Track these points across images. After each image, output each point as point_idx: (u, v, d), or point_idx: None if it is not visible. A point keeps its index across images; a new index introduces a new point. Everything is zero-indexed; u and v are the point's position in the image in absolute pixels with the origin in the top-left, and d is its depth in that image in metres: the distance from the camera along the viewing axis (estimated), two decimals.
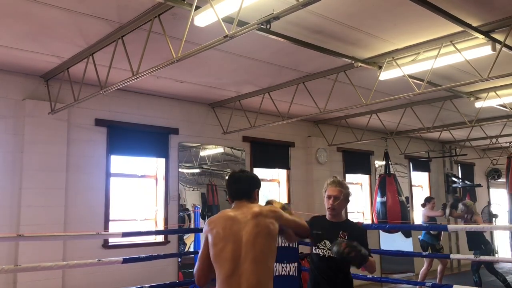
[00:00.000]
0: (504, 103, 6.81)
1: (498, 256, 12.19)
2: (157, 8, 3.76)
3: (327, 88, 5.88)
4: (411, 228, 9.82)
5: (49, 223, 5.40)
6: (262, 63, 5.38)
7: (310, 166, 8.78)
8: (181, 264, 6.69)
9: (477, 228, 6.02)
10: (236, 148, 7.74)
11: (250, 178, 2.76)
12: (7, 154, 5.37)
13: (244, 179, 2.73)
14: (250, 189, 2.70)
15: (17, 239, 4.89)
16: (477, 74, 4.93)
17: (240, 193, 2.68)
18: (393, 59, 5.07)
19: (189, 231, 7.03)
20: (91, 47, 4.69)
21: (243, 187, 2.70)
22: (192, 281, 6.09)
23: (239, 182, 2.71)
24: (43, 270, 4.43)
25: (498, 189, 13.75)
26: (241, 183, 2.71)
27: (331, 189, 3.16)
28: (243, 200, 2.64)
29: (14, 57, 5.04)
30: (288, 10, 3.09)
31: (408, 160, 10.95)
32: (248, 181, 2.73)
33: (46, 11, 3.84)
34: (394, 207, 8.68)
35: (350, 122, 8.92)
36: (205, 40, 3.83)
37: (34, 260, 4.83)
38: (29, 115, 5.49)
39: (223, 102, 7.26)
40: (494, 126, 9.03)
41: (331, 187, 3.16)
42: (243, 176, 2.75)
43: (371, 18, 4.13)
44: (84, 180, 5.93)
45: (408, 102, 7.45)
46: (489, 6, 3.93)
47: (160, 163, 6.87)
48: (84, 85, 5.24)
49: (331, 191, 3.15)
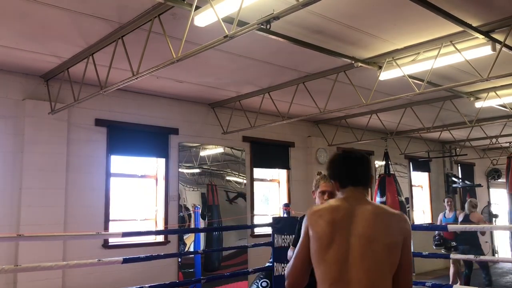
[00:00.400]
0: (504, 103, 6.81)
1: (498, 256, 12.22)
2: (157, 8, 3.76)
3: (327, 88, 5.88)
4: (411, 228, 9.81)
5: (49, 223, 5.40)
6: (262, 63, 5.38)
7: (310, 166, 8.78)
8: (181, 264, 6.69)
9: (476, 228, 6.02)
10: (236, 148, 7.74)
11: (369, 161, 2.20)
12: (7, 154, 5.37)
13: (366, 161, 2.16)
14: (370, 175, 2.13)
15: (17, 239, 4.89)
16: (477, 74, 4.93)
17: (357, 177, 2.09)
18: (393, 59, 5.07)
19: (189, 231, 7.04)
20: (91, 47, 4.69)
21: (362, 170, 2.12)
22: (192, 281, 6.11)
23: (359, 164, 2.12)
24: (43, 270, 4.42)
25: (498, 189, 13.75)
26: (363, 164, 2.13)
27: (325, 184, 2.95)
28: (360, 188, 2.07)
29: (14, 57, 5.04)
30: (288, 10, 3.09)
31: (408, 160, 10.96)
32: (369, 165, 2.16)
33: (46, 11, 3.84)
34: (394, 207, 8.61)
35: (350, 122, 8.92)
36: (205, 40, 3.83)
37: (34, 260, 4.83)
38: (29, 115, 5.49)
39: (223, 102, 7.26)
40: (494, 126, 9.03)
41: (325, 182, 2.95)
42: (365, 157, 2.15)
43: (371, 18, 4.13)
44: (84, 180, 5.93)
45: (408, 102, 7.45)
46: (489, 6, 3.93)
47: (160, 163, 6.87)
48: (84, 85, 5.24)
49: (326, 187, 2.94)
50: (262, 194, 8.57)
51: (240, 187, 7.69)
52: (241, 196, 7.65)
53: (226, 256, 7.23)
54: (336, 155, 2.21)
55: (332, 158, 2.22)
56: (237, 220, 7.40)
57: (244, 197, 7.69)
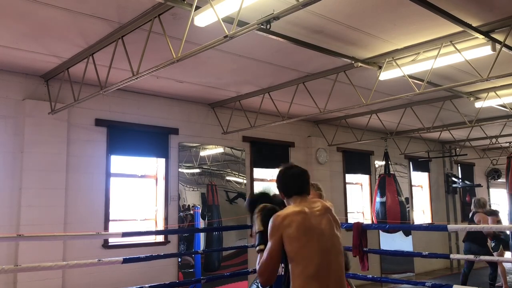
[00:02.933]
0: (504, 103, 6.81)
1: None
2: (157, 8, 3.76)
3: (327, 88, 5.88)
4: (411, 228, 9.83)
5: (49, 223, 5.40)
6: (262, 63, 5.38)
7: (310, 166, 8.77)
8: (181, 264, 6.69)
9: (476, 228, 6.03)
10: (236, 148, 7.74)
11: (307, 173, 2.72)
12: (7, 154, 5.37)
13: (306, 174, 2.68)
14: (309, 184, 2.68)
15: (17, 239, 4.89)
16: (477, 74, 4.93)
17: (303, 187, 2.62)
18: (393, 59, 5.07)
19: (189, 231, 7.04)
20: (91, 47, 4.69)
21: (306, 181, 2.65)
22: (191, 281, 6.11)
23: (303, 176, 2.65)
24: (43, 270, 4.42)
25: (498, 189, 13.76)
26: (304, 177, 2.66)
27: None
28: (304, 195, 2.60)
29: (14, 57, 5.04)
30: (288, 10, 3.09)
31: (408, 160, 10.96)
32: (307, 176, 2.68)
33: (46, 11, 3.84)
34: (394, 207, 8.68)
35: (350, 122, 8.92)
36: (205, 40, 3.83)
37: (34, 260, 4.83)
38: (29, 115, 5.49)
39: (223, 102, 7.26)
40: (494, 126, 9.04)
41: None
42: (303, 171, 2.70)
43: (371, 18, 4.13)
44: (84, 180, 5.93)
45: (408, 102, 7.45)
46: (489, 6, 3.93)
47: (160, 163, 6.87)
48: (84, 85, 5.24)
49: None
50: None
51: (240, 187, 7.69)
52: (241, 196, 7.65)
53: (226, 256, 7.23)
54: (286, 171, 2.68)
55: (279, 172, 2.69)
56: (237, 220, 7.40)
57: (244, 197, 7.69)
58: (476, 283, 7.22)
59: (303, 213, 2.43)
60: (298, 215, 2.42)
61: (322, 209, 2.51)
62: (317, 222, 2.43)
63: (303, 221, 2.39)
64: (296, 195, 2.58)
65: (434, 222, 11.16)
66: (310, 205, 2.51)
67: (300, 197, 2.57)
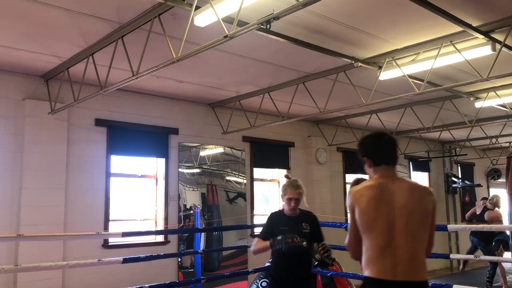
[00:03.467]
0: (504, 103, 6.81)
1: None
2: (157, 8, 3.76)
3: (327, 88, 5.88)
4: None
5: (49, 223, 5.40)
6: (262, 63, 5.38)
7: (310, 166, 8.78)
8: (181, 264, 6.70)
9: (476, 228, 6.03)
10: (236, 148, 7.74)
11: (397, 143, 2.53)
12: (7, 154, 5.37)
13: (394, 142, 2.47)
14: (398, 155, 2.52)
15: (17, 239, 4.89)
16: (477, 74, 4.93)
17: (394, 157, 2.46)
18: (393, 59, 5.07)
19: (189, 231, 7.04)
20: (91, 47, 4.69)
21: (395, 150, 2.46)
22: (191, 281, 6.11)
23: (392, 145, 2.45)
24: (43, 270, 4.42)
25: (498, 189, 13.73)
26: (394, 146, 2.46)
27: (292, 192, 3.51)
28: (391, 167, 2.44)
29: (14, 57, 5.04)
30: (288, 10, 3.09)
31: (408, 160, 10.96)
32: (396, 145, 2.49)
33: (46, 11, 3.84)
34: None
35: (350, 122, 8.92)
36: (205, 40, 3.83)
37: (34, 260, 4.83)
38: (29, 115, 5.49)
39: (223, 102, 7.26)
40: (494, 126, 9.03)
41: (292, 190, 3.52)
42: (393, 138, 2.49)
43: (371, 18, 4.13)
44: (84, 180, 5.93)
45: (408, 102, 7.45)
46: (489, 6, 3.93)
47: (160, 163, 6.87)
48: (84, 85, 5.24)
49: (293, 194, 3.51)
50: (262, 194, 8.58)
51: (240, 187, 7.69)
52: (241, 196, 7.65)
53: (226, 256, 7.23)
54: (371, 135, 2.53)
55: (367, 137, 2.54)
56: (237, 220, 7.40)
57: (244, 197, 7.70)
58: (476, 283, 7.23)
59: (376, 187, 2.35)
60: (371, 189, 2.35)
61: (406, 188, 2.34)
62: (390, 198, 2.30)
63: (374, 196, 2.31)
64: (386, 165, 2.42)
65: None
66: (390, 180, 2.36)
67: (387, 169, 2.41)
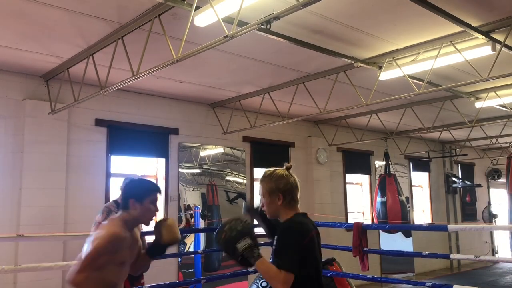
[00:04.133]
0: (504, 103, 6.82)
1: (498, 256, 12.22)
2: (157, 8, 3.76)
3: (327, 88, 5.88)
4: (411, 228, 9.83)
5: (49, 223, 5.40)
6: (262, 63, 5.38)
7: (310, 166, 8.78)
8: (181, 264, 6.69)
9: (476, 228, 6.03)
10: (236, 148, 7.74)
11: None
12: (7, 154, 5.37)
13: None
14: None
15: (17, 239, 4.89)
16: (477, 74, 4.93)
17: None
18: (393, 59, 5.07)
19: (189, 231, 7.03)
20: (91, 47, 4.69)
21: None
22: (192, 281, 6.10)
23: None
24: (43, 270, 4.43)
25: (498, 189, 13.76)
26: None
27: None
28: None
29: (14, 57, 5.04)
30: (288, 10, 3.09)
31: (408, 160, 10.96)
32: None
33: (46, 11, 3.84)
34: (394, 207, 8.69)
35: (350, 122, 8.92)
36: (205, 40, 3.83)
37: (34, 260, 4.83)
38: (29, 115, 5.49)
39: (223, 102, 7.27)
40: (494, 126, 9.03)
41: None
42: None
43: (371, 18, 4.13)
44: (84, 180, 5.93)
45: (408, 102, 7.45)
46: (489, 6, 3.93)
47: (160, 163, 6.87)
48: (84, 85, 5.23)
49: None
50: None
51: (240, 187, 7.69)
52: (241, 196, 7.65)
53: (226, 256, 7.20)
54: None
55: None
56: None
57: (244, 197, 7.70)
58: (476, 283, 7.24)
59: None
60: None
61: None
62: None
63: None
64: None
65: (434, 222, 11.16)
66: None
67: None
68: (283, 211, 2.33)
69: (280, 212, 2.35)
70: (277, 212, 2.36)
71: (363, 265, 5.14)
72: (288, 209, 2.33)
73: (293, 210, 2.34)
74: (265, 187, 2.36)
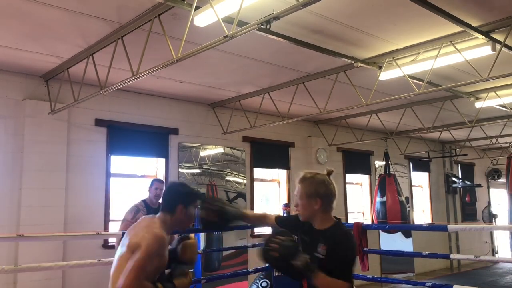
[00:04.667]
0: (504, 103, 6.81)
1: (498, 256, 12.22)
2: (157, 8, 3.76)
3: (327, 88, 5.88)
4: (411, 228, 9.83)
5: (49, 223, 5.40)
6: (262, 63, 5.38)
7: (310, 166, 8.77)
8: None
9: (476, 228, 6.03)
10: (236, 148, 7.74)
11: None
12: (7, 154, 5.37)
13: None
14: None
15: (17, 239, 4.88)
16: (477, 74, 4.93)
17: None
18: (393, 59, 5.07)
19: (189, 231, 7.02)
20: (91, 47, 4.69)
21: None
22: (192, 281, 6.08)
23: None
24: (43, 270, 4.42)
25: (498, 189, 13.76)
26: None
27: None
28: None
29: (14, 57, 5.04)
30: (288, 10, 3.09)
31: (408, 160, 10.96)
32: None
33: (46, 11, 3.84)
34: (394, 207, 8.68)
35: (350, 122, 8.92)
36: (205, 40, 3.83)
37: (34, 260, 4.82)
38: (29, 115, 5.49)
39: (223, 102, 7.27)
40: (494, 126, 9.03)
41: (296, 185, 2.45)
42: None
43: (371, 18, 4.13)
44: (84, 180, 5.93)
45: (408, 102, 7.45)
46: (489, 6, 3.93)
47: (160, 163, 6.87)
48: (84, 85, 5.23)
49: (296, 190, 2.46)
50: (262, 194, 8.57)
51: (240, 187, 7.68)
52: (241, 196, 7.65)
53: (226, 256, 7.22)
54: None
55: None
56: None
57: (244, 197, 7.69)
58: (476, 283, 7.24)
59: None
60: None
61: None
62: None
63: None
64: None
65: (434, 222, 11.16)
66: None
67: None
68: (319, 216, 2.32)
69: (315, 217, 2.34)
70: (312, 216, 2.35)
71: (363, 265, 5.15)
72: (324, 214, 2.32)
73: (330, 217, 2.34)
74: (304, 190, 2.35)
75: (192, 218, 2.46)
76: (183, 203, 2.37)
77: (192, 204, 2.43)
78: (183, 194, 2.43)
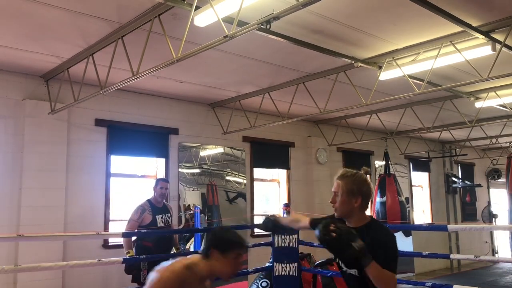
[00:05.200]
0: (504, 103, 6.81)
1: (498, 256, 12.22)
2: (157, 8, 3.76)
3: (327, 88, 5.88)
4: (411, 228, 9.83)
5: (49, 223, 5.40)
6: (262, 63, 5.38)
7: (310, 166, 8.78)
8: None
9: (476, 228, 6.03)
10: (236, 148, 7.74)
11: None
12: (7, 154, 5.37)
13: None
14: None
15: (17, 239, 4.88)
16: (477, 74, 4.93)
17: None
18: (393, 59, 5.07)
19: (189, 231, 7.03)
20: (91, 47, 4.69)
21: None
22: None
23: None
24: (43, 270, 4.42)
25: (498, 189, 13.76)
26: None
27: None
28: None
29: (14, 57, 5.04)
30: (288, 10, 3.09)
31: (408, 160, 10.96)
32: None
33: (46, 11, 3.84)
34: (394, 207, 8.68)
35: (350, 122, 8.92)
36: (205, 40, 3.83)
37: (34, 260, 4.82)
38: (29, 115, 5.49)
39: (223, 102, 7.27)
40: (494, 126, 9.03)
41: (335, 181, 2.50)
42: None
43: (371, 18, 4.13)
44: (84, 180, 5.93)
45: (408, 102, 7.45)
46: (489, 6, 3.93)
47: (160, 163, 6.87)
48: (84, 85, 5.24)
49: (333, 186, 2.50)
50: (262, 194, 8.57)
51: (240, 187, 7.69)
52: (241, 196, 7.65)
53: None
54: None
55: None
56: (237, 220, 7.40)
57: (244, 197, 7.69)
58: (476, 283, 7.23)
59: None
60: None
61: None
62: None
63: None
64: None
65: (434, 222, 11.16)
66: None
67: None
68: (357, 214, 2.36)
69: (352, 214, 2.36)
70: (349, 213, 2.37)
71: None
72: (361, 212, 2.37)
73: (365, 215, 2.39)
74: (345, 187, 2.38)
75: (232, 267, 2.33)
76: (218, 248, 2.30)
77: (231, 251, 2.32)
78: (219, 239, 2.36)
